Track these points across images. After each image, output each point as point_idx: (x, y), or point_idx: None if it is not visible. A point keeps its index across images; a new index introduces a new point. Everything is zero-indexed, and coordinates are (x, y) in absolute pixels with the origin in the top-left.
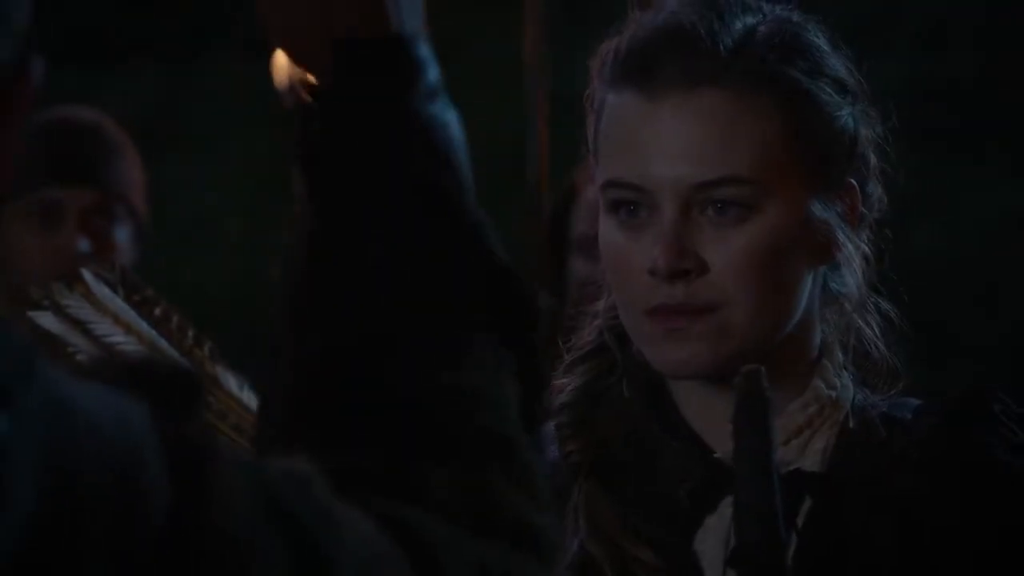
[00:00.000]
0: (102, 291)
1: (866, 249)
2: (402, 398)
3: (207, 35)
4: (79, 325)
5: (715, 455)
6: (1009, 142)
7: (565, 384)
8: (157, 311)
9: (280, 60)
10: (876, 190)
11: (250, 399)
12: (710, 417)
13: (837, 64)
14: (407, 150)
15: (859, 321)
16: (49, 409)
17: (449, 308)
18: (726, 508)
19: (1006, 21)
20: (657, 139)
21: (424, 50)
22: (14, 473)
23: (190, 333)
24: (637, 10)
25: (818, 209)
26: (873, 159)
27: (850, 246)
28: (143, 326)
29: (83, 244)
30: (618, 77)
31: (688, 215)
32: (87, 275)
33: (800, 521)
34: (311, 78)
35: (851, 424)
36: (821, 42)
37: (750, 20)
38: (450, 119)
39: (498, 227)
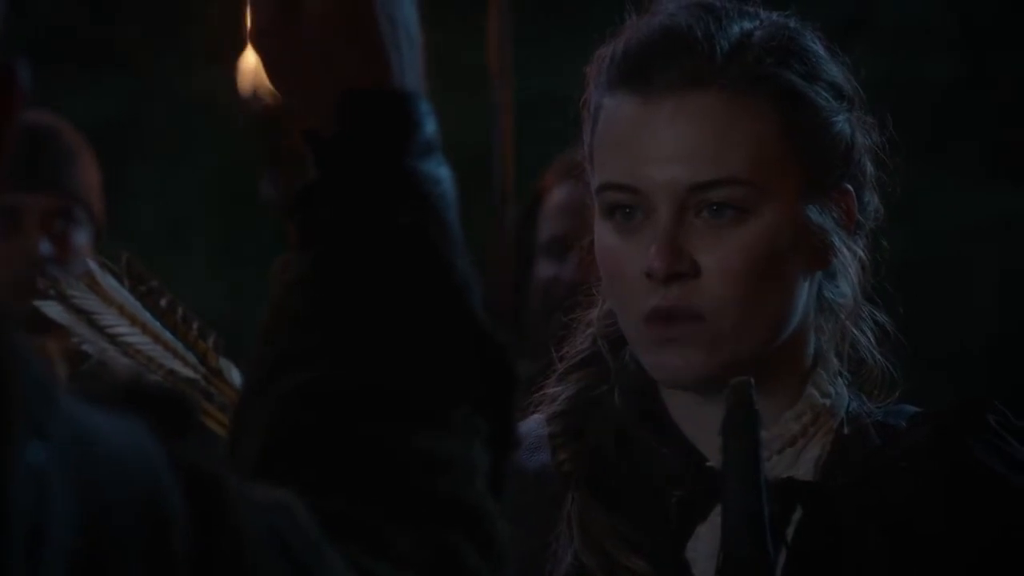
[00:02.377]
0: (108, 281)
1: (862, 255)
2: (376, 455)
3: (176, 42)
4: (85, 316)
5: (707, 463)
6: (982, 147)
7: (558, 393)
8: (163, 302)
9: (245, 66)
10: (872, 200)
11: None
12: (702, 424)
13: (834, 70)
14: (400, 204)
15: (854, 329)
16: (74, 438)
17: (431, 370)
18: (718, 516)
19: (980, 25)
20: (653, 141)
21: (424, 106)
22: (53, 504)
23: (195, 325)
24: (633, 14)
25: (814, 213)
26: (870, 168)
27: (846, 251)
28: (148, 317)
29: (44, 247)
30: (614, 80)
31: (684, 218)
32: (93, 265)
33: (791, 530)
34: (310, 125)
35: (845, 432)
36: (818, 48)
37: (747, 24)
38: (443, 175)
39: (464, 230)
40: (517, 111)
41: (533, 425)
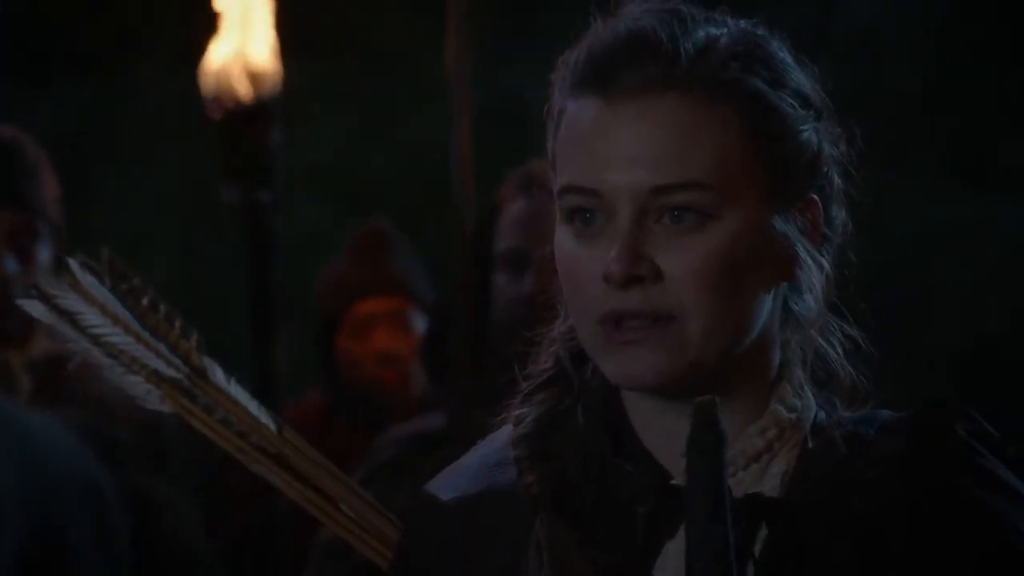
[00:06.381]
0: (88, 280)
1: (826, 265)
2: None
3: (138, 47)
4: (67, 315)
5: (672, 480)
6: (946, 156)
7: (523, 415)
8: (144, 300)
9: (207, 71)
10: (840, 214)
11: (238, 393)
12: (667, 439)
13: (801, 79)
14: None
15: (821, 340)
16: (17, 436)
17: None
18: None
19: (942, 34)
20: (615, 144)
21: None
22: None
23: (177, 324)
24: (598, 18)
25: (778, 222)
26: (838, 181)
27: (810, 262)
28: (129, 317)
29: (9, 264)
30: (577, 84)
31: (644, 222)
32: (73, 264)
33: (758, 548)
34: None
35: (811, 445)
36: (785, 56)
37: (713, 30)
38: None
39: (423, 242)
40: (476, 120)
41: (504, 439)
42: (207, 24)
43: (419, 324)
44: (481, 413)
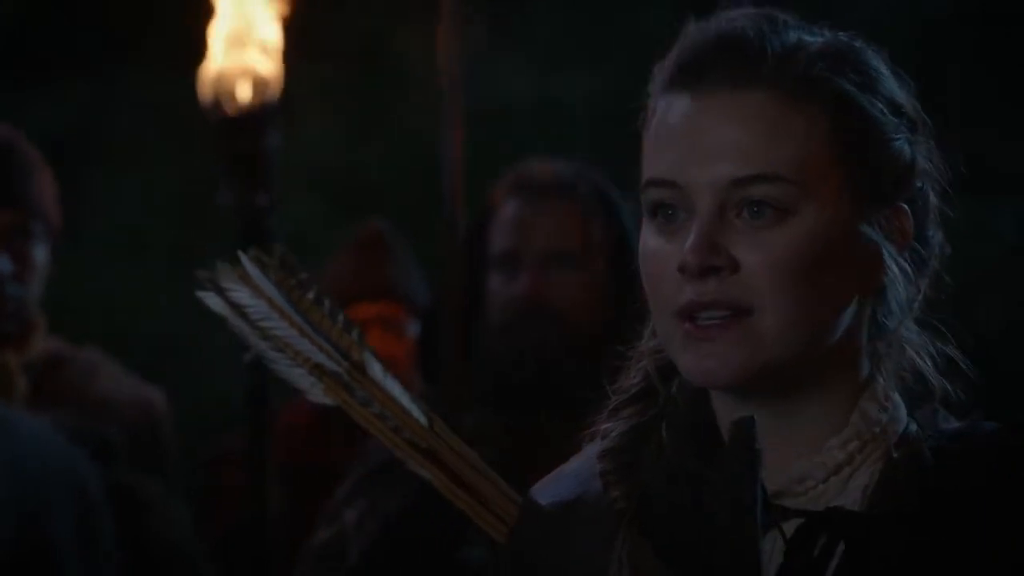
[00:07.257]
0: (256, 274)
1: (911, 273)
2: None
3: (136, 48)
4: (238, 308)
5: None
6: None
7: (610, 429)
8: (310, 295)
9: (206, 75)
10: (937, 234)
11: (393, 387)
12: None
13: (896, 89)
14: None
15: (912, 351)
16: (1, 437)
17: None
18: (769, 543)
19: (936, 35)
20: (698, 138)
21: None
22: None
23: (340, 318)
24: (691, 21)
25: (864, 226)
26: (933, 199)
27: (896, 269)
28: (294, 311)
29: (4, 263)
30: (668, 83)
31: (724, 215)
32: (244, 258)
33: (835, 562)
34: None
35: (895, 460)
36: (880, 65)
37: (806, 36)
38: None
39: (415, 242)
40: (469, 119)
41: (593, 453)
42: (205, 26)
43: (413, 328)
44: (472, 415)
